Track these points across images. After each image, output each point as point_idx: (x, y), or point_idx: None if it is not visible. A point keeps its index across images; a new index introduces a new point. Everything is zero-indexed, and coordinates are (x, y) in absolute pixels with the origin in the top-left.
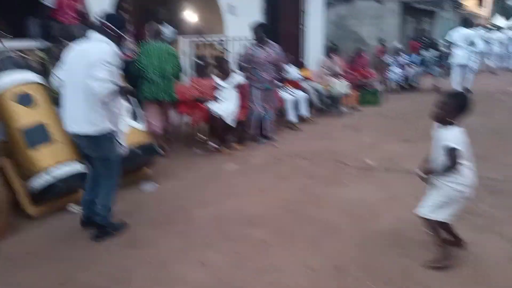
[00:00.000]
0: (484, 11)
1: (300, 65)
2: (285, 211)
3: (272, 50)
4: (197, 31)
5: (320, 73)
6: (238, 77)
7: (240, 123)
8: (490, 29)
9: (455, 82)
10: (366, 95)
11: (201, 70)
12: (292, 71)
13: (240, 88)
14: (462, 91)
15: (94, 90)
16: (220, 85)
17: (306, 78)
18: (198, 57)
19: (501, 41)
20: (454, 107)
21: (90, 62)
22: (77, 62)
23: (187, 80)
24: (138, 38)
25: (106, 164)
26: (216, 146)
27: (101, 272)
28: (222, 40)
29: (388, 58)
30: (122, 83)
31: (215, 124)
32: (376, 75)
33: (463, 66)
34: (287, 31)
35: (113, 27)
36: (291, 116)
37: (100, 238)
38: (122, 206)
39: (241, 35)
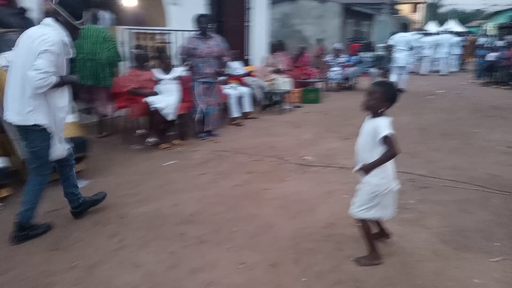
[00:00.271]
0: (418, 17)
1: (244, 61)
2: (223, 208)
3: (215, 43)
4: (138, 21)
5: (263, 70)
6: (179, 70)
7: (181, 117)
8: (424, 33)
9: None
10: (308, 93)
11: (140, 61)
12: (236, 67)
13: (181, 80)
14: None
15: (30, 79)
16: (160, 78)
17: (250, 74)
18: (138, 48)
19: (432, 45)
20: (381, 96)
21: (31, 49)
22: (21, 47)
23: (126, 72)
24: None
25: (33, 158)
26: (155, 141)
27: (21, 278)
28: (164, 32)
29: (328, 58)
30: (65, 73)
31: (154, 119)
32: (317, 73)
33: (401, 68)
34: (233, 26)
35: (66, 13)
36: (234, 112)
37: (22, 239)
38: (49, 205)
39: (184, 27)
